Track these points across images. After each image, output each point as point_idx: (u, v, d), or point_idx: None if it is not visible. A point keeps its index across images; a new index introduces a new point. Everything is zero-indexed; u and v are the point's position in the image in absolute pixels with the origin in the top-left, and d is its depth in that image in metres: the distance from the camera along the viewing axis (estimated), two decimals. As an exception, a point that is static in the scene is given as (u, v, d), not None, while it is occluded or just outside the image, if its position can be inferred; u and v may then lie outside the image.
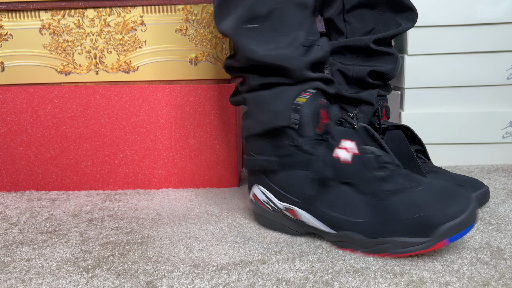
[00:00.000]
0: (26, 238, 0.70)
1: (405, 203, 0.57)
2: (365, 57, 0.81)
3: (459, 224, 0.55)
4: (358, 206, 0.59)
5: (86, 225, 0.75)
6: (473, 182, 0.75)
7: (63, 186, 0.93)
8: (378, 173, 0.59)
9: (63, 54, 0.90)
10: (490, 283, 0.53)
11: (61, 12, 0.88)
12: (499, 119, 0.99)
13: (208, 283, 0.55)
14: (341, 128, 0.62)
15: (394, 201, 0.58)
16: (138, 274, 0.58)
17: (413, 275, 0.55)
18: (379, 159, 0.59)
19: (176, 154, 0.92)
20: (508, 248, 0.61)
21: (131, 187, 0.93)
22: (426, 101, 1.00)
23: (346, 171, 0.60)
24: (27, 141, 0.91)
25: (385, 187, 0.58)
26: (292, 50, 0.60)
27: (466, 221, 0.56)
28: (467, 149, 1.02)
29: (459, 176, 0.77)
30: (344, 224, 0.60)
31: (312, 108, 0.61)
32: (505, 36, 0.96)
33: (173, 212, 0.79)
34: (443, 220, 0.55)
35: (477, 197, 0.73)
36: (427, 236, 0.56)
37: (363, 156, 0.59)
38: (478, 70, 0.98)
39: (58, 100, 0.89)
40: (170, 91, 0.89)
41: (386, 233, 0.58)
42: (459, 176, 0.77)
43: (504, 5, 0.94)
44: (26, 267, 0.61)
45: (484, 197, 0.74)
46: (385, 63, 0.81)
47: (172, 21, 0.92)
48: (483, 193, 0.74)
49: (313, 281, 0.54)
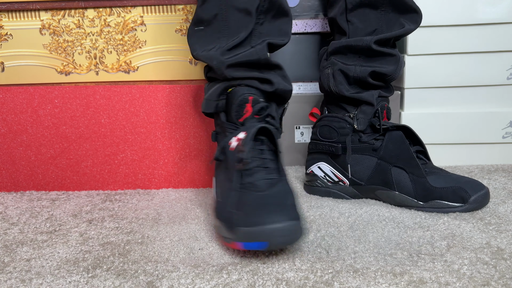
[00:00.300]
0: (26, 238, 0.70)
1: (240, 200, 0.62)
2: (367, 57, 0.81)
3: (252, 234, 0.56)
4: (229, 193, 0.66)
5: (86, 225, 0.75)
6: (473, 183, 0.75)
7: (63, 186, 0.93)
8: (237, 165, 0.66)
9: (63, 54, 0.90)
10: (490, 283, 0.53)
11: (61, 12, 0.88)
12: (499, 119, 0.99)
13: (208, 283, 0.55)
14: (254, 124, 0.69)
15: (243, 194, 0.63)
16: (138, 274, 0.58)
17: (413, 275, 0.55)
18: (238, 155, 0.66)
19: (176, 154, 0.92)
20: (508, 248, 0.61)
21: (131, 187, 0.93)
22: (426, 101, 1.00)
23: (229, 157, 0.69)
24: (27, 141, 0.91)
25: (244, 180, 0.65)
26: (218, 52, 0.70)
27: (258, 235, 0.56)
28: (467, 149, 1.02)
29: (460, 177, 0.76)
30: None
31: (236, 100, 0.70)
32: (505, 36, 0.96)
33: (173, 212, 0.79)
34: (241, 223, 0.57)
35: (477, 199, 0.73)
36: (230, 234, 0.60)
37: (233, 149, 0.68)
38: (478, 70, 0.98)
39: (58, 100, 0.89)
40: (170, 91, 0.89)
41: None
42: (460, 177, 0.76)
43: (504, 5, 0.94)
44: (26, 267, 0.61)
45: (484, 198, 0.74)
46: (386, 64, 0.81)
47: (172, 21, 0.92)
48: (483, 195, 0.74)
49: (313, 280, 0.54)
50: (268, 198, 0.60)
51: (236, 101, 0.71)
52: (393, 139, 0.79)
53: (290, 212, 0.57)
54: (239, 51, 0.70)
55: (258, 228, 0.56)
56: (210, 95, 0.73)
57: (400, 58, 0.81)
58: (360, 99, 0.81)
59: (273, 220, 0.56)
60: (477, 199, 0.74)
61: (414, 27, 0.79)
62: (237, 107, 0.71)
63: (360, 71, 0.81)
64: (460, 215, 0.73)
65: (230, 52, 0.70)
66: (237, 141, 0.69)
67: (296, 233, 0.57)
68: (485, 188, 0.75)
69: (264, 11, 0.71)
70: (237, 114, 0.71)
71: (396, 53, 0.81)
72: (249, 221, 0.57)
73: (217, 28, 0.71)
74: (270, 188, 0.63)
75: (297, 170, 1.03)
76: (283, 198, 0.61)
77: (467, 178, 0.77)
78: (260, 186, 0.64)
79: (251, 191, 0.63)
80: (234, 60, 0.70)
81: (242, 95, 0.71)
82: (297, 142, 1.06)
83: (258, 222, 0.56)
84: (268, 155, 0.69)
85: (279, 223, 0.56)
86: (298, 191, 0.89)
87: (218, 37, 0.71)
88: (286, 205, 0.59)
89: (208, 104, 0.73)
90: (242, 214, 0.58)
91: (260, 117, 0.72)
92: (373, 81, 0.81)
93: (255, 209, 0.58)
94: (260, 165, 0.67)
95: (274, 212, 0.57)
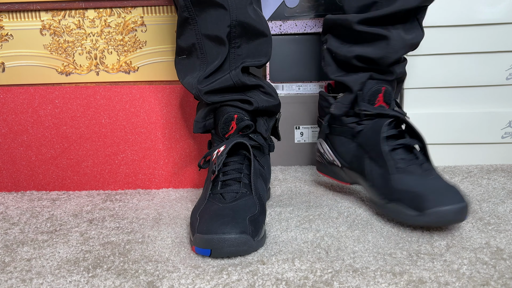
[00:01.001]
0: (26, 238, 0.70)
1: (205, 208, 0.66)
2: (352, 38, 0.74)
3: (202, 240, 0.59)
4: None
5: (87, 225, 0.75)
6: (448, 195, 0.63)
7: (63, 186, 0.93)
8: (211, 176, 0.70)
9: (63, 54, 0.90)
10: (490, 283, 0.53)
11: (61, 13, 0.88)
12: (499, 119, 0.99)
13: (208, 283, 0.55)
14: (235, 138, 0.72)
15: (209, 203, 0.67)
16: (139, 274, 0.58)
17: (413, 275, 0.55)
18: (212, 166, 0.70)
19: (176, 154, 0.92)
20: (507, 248, 0.61)
21: (132, 187, 0.93)
22: (426, 101, 1.00)
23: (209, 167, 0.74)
24: (27, 141, 0.91)
25: (215, 190, 0.69)
26: (195, 80, 0.73)
27: (206, 242, 0.59)
28: (466, 149, 1.02)
29: (439, 185, 0.65)
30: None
31: (222, 118, 0.75)
32: (505, 36, 0.96)
33: (173, 212, 0.79)
34: (199, 229, 0.61)
35: (438, 212, 0.62)
36: (192, 238, 0.63)
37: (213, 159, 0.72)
38: (478, 70, 0.98)
39: (58, 100, 0.90)
40: (170, 91, 0.89)
41: None
42: (439, 185, 0.65)
43: (504, 5, 0.94)
44: (27, 267, 0.61)
45: (454, 214, 0.62)
46: (373, 47, 0.72)
47: (172, 22, 0.92)
48: (453, 210, 0.62)
49: (312, 280, 0.55)
50: (225, 210, 0.63)
51: (222, 119, 0.75)
52: (373, 127, 0.74)
53: (241, 226, 0.60)
54: (215, 78, 0.73)
55: (207, 236, 0.60)
56: (197, 117, 0.78)
57: (394, 39, 0.71)
58: (343, 83, 0.77)
59: (222, 231, 0.59)
60: (439, 213, 0.62)
61: (416, 1, 0.69)
62: (223, 124, 0.75)
63: (346, 52, 0.75)
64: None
65: (207, 80, 0.73)
66: (217, 153, 0.72)
67: (242, 245, 0.60)
68: (461, 204, 0.62)
69: (238, 36, 0.72)
70: (223, 130, 0.75)
71: (388, 34, 0.71)
72: (203, 228, 0.61)
73: (196, 56, 0.74)
74: (233, 201, 0.66)
75: (297, 170, 1.03)
76: (241, 212, 0.63)
77: (449, 187, 0.65)
78: (226, 199, 0.67)
79: (216, 202, 0.67)
80: (211, 87, 0.73)
81: (227, 113, 0.74)
82: (296, 142, 1.06)
83: (209, 231, 0.60)
84: (247, 170, 0.72)
85: (227, 235, 0.59)
86: (298, 190, 0.89)
87: (199, 64, 0.74)
88: (239, 218, 0.61)
89: (196, 125, 0.78)
90: (202, 222, 0.62)
91: (244, 133, 0.75)
92: (361, 64, 0.74)
93: (211, 219, 0.62)
94: (236, 178, 0.70)
95: (226, 224, 0.60)
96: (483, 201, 0.79)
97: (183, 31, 0.73)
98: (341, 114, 0.78)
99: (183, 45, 0.74)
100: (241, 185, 0.69)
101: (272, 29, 1.00)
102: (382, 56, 0.72)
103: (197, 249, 0.61)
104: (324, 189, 0.90)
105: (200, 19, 0.70)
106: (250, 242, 0.60)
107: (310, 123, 1.05)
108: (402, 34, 0.72)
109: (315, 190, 0.89)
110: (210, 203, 0.67)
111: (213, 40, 0.72)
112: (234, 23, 0.70)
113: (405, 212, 0.66)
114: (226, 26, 0.70)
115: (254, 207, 0.65)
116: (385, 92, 0.75)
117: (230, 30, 0.70)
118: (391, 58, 0.72)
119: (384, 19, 0.71)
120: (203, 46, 0.72)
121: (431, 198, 0.63)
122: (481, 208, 0.76)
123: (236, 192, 0.68)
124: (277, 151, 1.06)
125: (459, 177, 0.93)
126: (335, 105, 0.79)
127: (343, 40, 0.77)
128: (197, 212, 0.66)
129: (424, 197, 0.64)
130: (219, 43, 0.72)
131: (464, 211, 0.63)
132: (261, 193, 0.71)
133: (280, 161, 1.07)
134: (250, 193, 0.68)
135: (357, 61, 0.75)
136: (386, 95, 0.76)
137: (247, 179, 0.71)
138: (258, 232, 0.63)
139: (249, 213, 0.63)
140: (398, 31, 0.72)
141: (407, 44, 0.73)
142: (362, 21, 0.72)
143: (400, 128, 0.75)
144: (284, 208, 0.79)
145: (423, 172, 0.69)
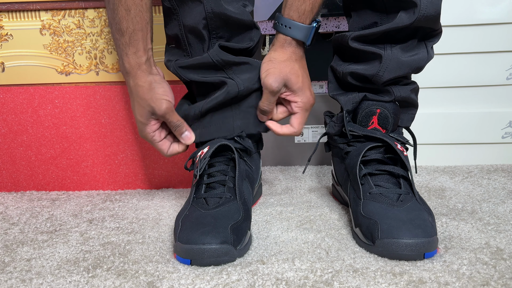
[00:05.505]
0: (26, 238, 0.70)
1: (188, 214, 0.65)
2: (349, 55, 0.74)
3: (182, 249, 0.59)
4: None
5: (87, 225, 0.75)
6: (414, 227, 0.59)
7: (63, 186, 0.93)
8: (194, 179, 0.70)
9: (63, 54, 0.90)
10: (490, 283, 0.53)
11: (61, 13, 0.88)
12: (499, 119, 0.99)
13: (208, 283, 0.55)
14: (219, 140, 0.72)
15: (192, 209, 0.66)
16: (139, 274, 0.58)
17: (413, 275, 0.55)
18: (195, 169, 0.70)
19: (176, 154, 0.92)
20: (507, 248, 0.61)
21: (132, 187, 0.93)
22: (426, 101, 1.00)
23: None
24: (27, 141, 0.91)
25: (199, 193, 0.69)
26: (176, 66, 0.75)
27: (186, 251, 0.59)
28: (466, 149, 1.02)
29: (406, 216, 0.61)
30: None
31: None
32: (505, 36, 0.96)
33: (173, 212, 0.79)
34: (180, 238, 0.61)
35: (386, 244, 0.58)
36: (174, 244, 0.63)
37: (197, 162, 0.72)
38: (478, 70, 0.98)
39: (58, 100, 0.90)
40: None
41: None
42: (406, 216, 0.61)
43: (504, 5, 0.94)
44: (27, 267, 0.61)
45: (413, 248, 0.57)
46: (367, 65, 0.71)
47: (172, 22, 0.92)
48: (408, 245, 0.57)
49: (313, 280, 0.55)
50: (207, 218, 0.63)
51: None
52: (358, 149, 0.71)
53: (222, 235, 0.59)
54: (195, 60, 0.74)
55: (187, 246, 0.59)
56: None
57: (387, 58, 0.69)
58: (338, 102, 0.76)
59: (202, 241, 0.59)
60: (388, 245, 0.58)
61: (408, 21, 0.66)
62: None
63: (343, 68, 0.74)
64: (459, 215, 0.73)
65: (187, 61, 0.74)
66: (200, 155, 0.71)
67: (222, 256, 0.59)
68: (419, 239, 0.57)
69: (219, 26, 0.71)
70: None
71: (381, 52, 0.69)
72: (184, 237, 0.60)
73: (181, 47, 0.75)
74: (216, 208, 0.65)
75: (297, 170, 1.03)
76: (223, 220, 0.62)
77: (413, 221, 0.60)
78: (209, 204, 0.66)
79: (198, 208, 0.66)
80: (186, 63, 0.73)
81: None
82: (297, 143, 1.06)
83: (189, 241, 0.59)
84: (232, 173, 0.70)
85: (207, 245, 0.58)
86: (298, 190, 0.89)
87: (184, 55, 0.75)
88: (221, 227, 0.60)
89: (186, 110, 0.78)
90: (183, 229, 0.62)
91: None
92: (356, 82, 0.73)
93: (192, 227, 0.61)
94: (220, 181, 0.69)
95: (206, 233, 0.59)
96: (483, 201, 0.79)
97: (167, 21, 0.74)
98: (334, 133, 0.77)
99: (170, 34, 0.75)
100: (225, 188, 0.68)
101: (272, 29, 1.00)
102: (374, 74, 0.70)
103: (177, 257, 0.61)
104: (324, 189, 0.90)
105: (182, 10, 0.71)
106: (232, 252, 0.59)
107: (310, 123, 1.05)
108: (398, 54, 0.70)
109: (316, 190, 0.89)
110: (193, 208, 0.66)
111: (192, 32, 0.72)
112: (210, 15, 0.70)
113: (362, 239, 0.63)
114: (202, 18, 0.70)
115: (237, 213, 0.64)
116: (380, 114, 0.71)
117: (206, 22, 0.70)
118: (384, 77, 0.70)
119: (380, 38, 0.70)
120: (186, 38, 0.73)
121: (384, 228, 0.59)
122: (481, 208, 0.76)
123: (220, 197, 0.67)
124: (277, 151, 1.06)
125: (459, 177, 0.93)
126: (330, 124, 0.78)
127: (342, 57, 0.77)
128: (180, 217, 0.65)
129: (377, 227, 0.60)
130: (199, 37, 0.72)
131: (422, 247, 0.57)
132: (246, 197, 0.69)
133: (280, 161, 1.07)
134: (235, 197, 0.67)
135: (352, 78, 0.73)
136: (381, 118, 0.72)
137: (232, 182, 0.69)
138: (241, 240, 0.62)
139: (231, 221, 0.62)
140: (395, 50, 0.70)
141: (403, 65, 0.70)
142: (356, 37, 0.70)
143: (391, 154, 0.71)
144: (285, 208, 0.79)
145: (395, 202, 0.64)
